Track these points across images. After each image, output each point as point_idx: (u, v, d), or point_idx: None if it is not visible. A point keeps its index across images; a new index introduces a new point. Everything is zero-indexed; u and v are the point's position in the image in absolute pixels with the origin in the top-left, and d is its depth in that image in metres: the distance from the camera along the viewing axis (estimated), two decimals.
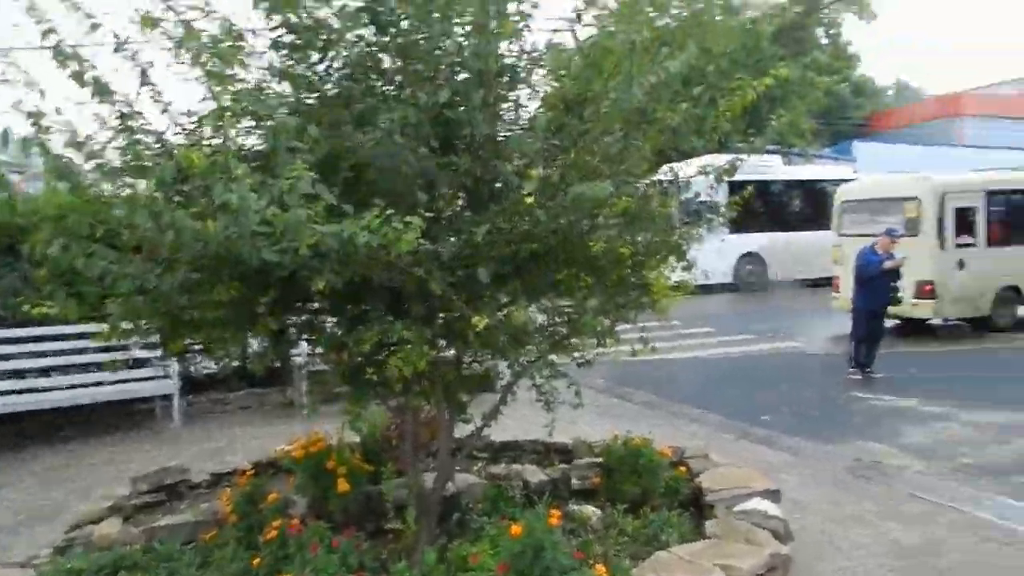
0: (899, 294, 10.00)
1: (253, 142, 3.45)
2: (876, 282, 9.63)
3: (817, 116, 35.65)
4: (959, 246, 12.75)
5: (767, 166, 22.07)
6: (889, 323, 13.29)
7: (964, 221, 12.84)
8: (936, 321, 13.42)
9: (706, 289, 20.46)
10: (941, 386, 9.23)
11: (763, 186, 21.82)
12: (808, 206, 21.65)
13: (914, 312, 12.70)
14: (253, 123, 3.36)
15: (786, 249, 21.00)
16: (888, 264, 9.54)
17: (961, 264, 12.72)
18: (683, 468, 4.73)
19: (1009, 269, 13.19)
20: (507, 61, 3.48)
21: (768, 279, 21.29)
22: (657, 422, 7.75)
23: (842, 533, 4.77)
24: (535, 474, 4.89)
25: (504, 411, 4.22)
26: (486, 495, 4.51)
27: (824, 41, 29.34)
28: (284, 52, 3.37)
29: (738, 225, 21.16)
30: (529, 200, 3.38)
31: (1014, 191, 13.93)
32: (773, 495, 4.15)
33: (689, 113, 3.57)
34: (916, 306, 12.56)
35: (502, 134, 3.58)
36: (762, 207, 21.92)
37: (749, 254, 21.31)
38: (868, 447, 6.86)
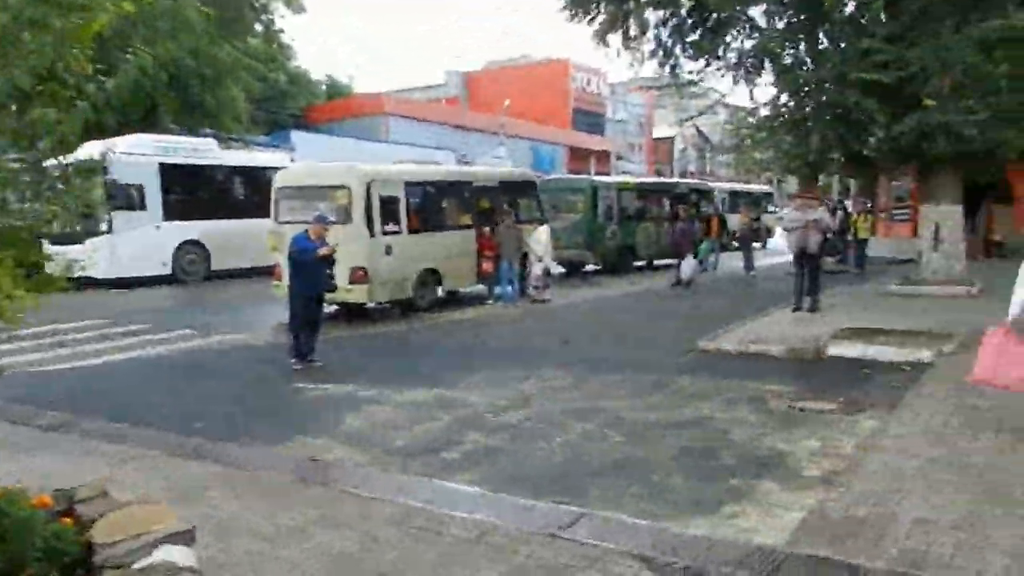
0: (334, 281, 10.03)
1: None
2: (311, 269, 9.49)
3: (255, 104, 35.54)
4: (386, 233, 13.54)
5: (203, 150, 20.94)
6: (329, 309, 13.55)
7: (389, 209, 13.67)
8: (370, 305, 14.11)
9: (141, 282, 18.61)
10: (376, 369, 9.52)
11: (201, 171, 20.72)
12: (250, 193, 21.12)
13: (350, 297, 13.10)
14: None
15: (228, 237, 20.21)
16: (321, 251, 9.46)
17: (388, 250, 13.52)
18: (70, 518, 3.64)
19: (427, 254, 14.49)
20: None
21: (211, 268, 20.29)
22: (66, 449, 6.36)
23: (276, 554, 4.23)
24: None
25: None
26: None
27: (259, 28, 29.16)
28: None
29: (176, 212, 19.75)
30: None
31: (427, 183, 15.40)
32: (186, 536, 3.38)
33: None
34: (351, 291, 12.95)
35: None
36: (202, 193, 20.83)
37: (189, 242, 19.99)
38: (309, 443, 6.54)
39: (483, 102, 52.22)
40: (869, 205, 24.28)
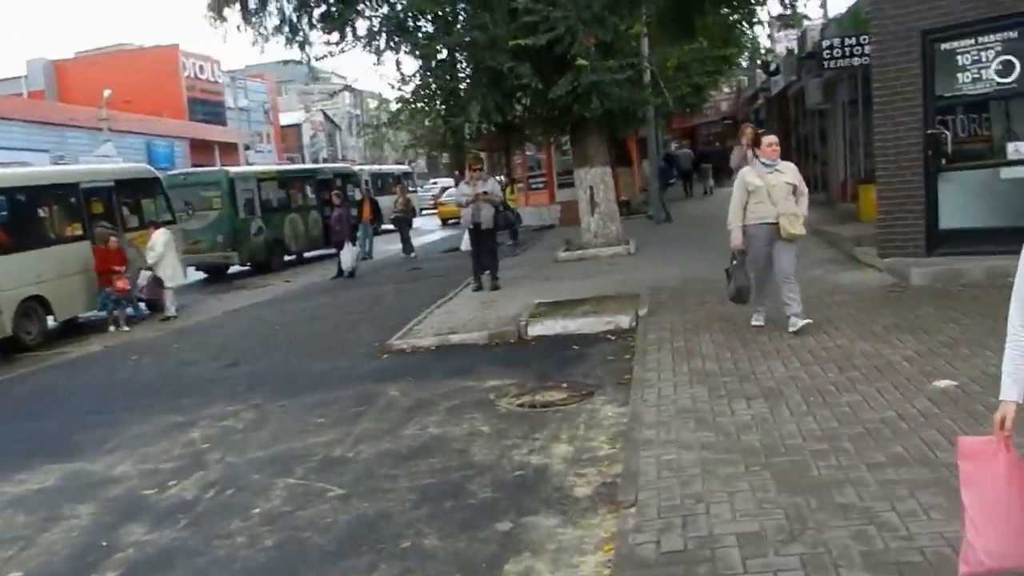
0: None
1: None
2: None
3: None
4: None
5: None
6: None
7: None
8: None
9: None
10: None
11: None
12: None
13: None
14: None
15: None
16: None
17: None
18: None
19: (27, 277, 11.40)
20: None
21: None
22: None
23: None
24: None
25: None
26: None
27: None
28: None
29: None
30: None
31: (12, 188, 12.14)
32: None
33: None
34: None
35: None
36: None
37: None
38: None
39: (79, 95, 45.08)
40: (510, 176, 25.07)
